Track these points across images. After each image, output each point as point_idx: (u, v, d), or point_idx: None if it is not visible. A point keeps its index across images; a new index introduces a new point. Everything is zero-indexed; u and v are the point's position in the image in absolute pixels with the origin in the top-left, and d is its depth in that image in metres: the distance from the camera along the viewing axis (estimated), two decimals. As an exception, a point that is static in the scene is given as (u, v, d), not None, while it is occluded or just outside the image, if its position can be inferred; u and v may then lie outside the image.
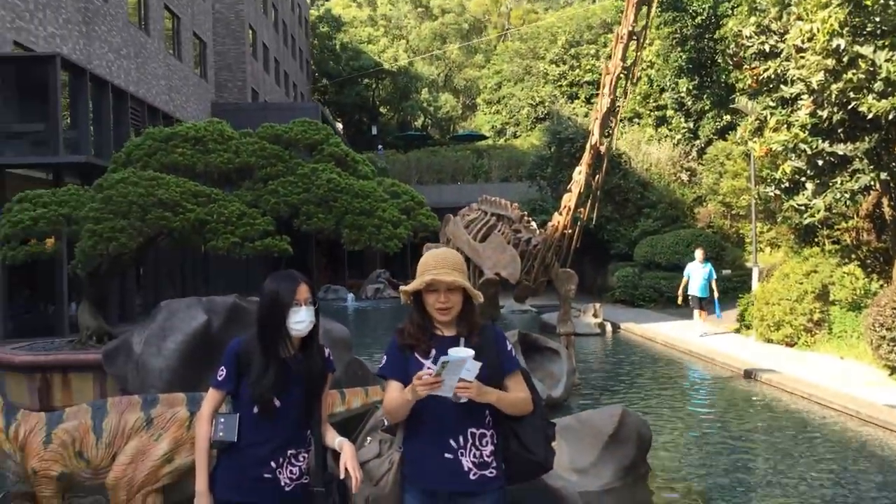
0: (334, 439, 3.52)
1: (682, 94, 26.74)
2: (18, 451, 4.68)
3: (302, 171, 8.28)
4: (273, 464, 3.38)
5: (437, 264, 3.36)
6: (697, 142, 27.04)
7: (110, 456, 4.69)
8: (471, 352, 3.18)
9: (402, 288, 3.60)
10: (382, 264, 34.89)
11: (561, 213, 9.54)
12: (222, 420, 3.41)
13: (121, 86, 21.01)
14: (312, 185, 8.02)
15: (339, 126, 45.83)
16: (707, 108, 26.20)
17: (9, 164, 17.58)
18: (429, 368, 3.16)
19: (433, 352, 3.38)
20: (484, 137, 44.38)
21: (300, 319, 3.39)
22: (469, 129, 50.22)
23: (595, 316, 16.72)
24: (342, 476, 3.39)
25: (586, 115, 33.71)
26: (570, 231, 9.57)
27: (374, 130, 49.28)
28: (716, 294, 14.80)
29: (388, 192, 8.59)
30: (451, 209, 11.76)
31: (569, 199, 9.47)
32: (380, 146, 42.19)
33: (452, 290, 3.33)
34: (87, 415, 4.78)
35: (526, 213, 10.51)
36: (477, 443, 3.32)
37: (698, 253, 15.15)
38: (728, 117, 24.79)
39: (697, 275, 14.81)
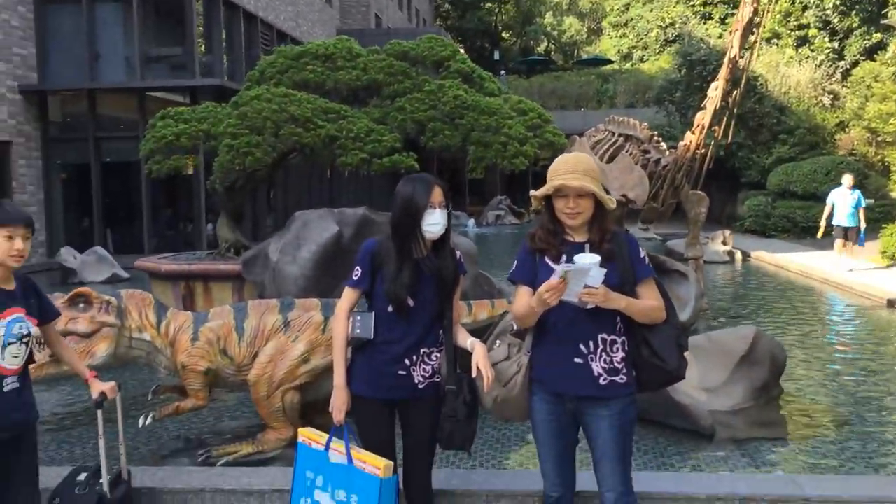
0: (466, 340, 3.57)
1: (828, 11, 24.98)
2: (169, 346, 4.99)
3: (429, 87, 8.25)
4: (407, 361, 3.47)
5: (566, 169, 3.31)
6: (842, 63, 25.32)
7: (251, 354, 4.94)
8: (596, 258, 3.13)
9: (532, 193, 3.56)
10: (503, 190, 34.86)
11: (693, 132, 9.17)
12: (359, 318, 3.51)
13: (251, 11, 21.48)
14: (439, 102, 7.99)
15: (462, 52, 45.34)
16: (855, 25, 24.41)
17: (149, 87, 18.43)
18: (557, 277, 3.13)
19: (563, 257, 3.36)
20: (609, 62, 42.99)
21: (434, 221, 3.41)
22: (594, 54, 48.76)
23: (724, 243, 16.18)
24: (473, 375, 3.45)
25: (720, 37, 32.07)
26: (702, 151, 9.21)
27: (497, 56, 48.52)
28: (862, 224, 13.83)
29: (514, 110, 8.46)
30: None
31: (702, 117, 9.09)
32: (502, 72, 41.58)
33: (582, 195, 3.27)
34: (230, 315, 5.03)
35: (656, 132, 10.18)
36: (608, 349, 3.30)
37: (846, 179, 14.09)
38: (878, 35, 23.04)
39: (844, 203, 13.77)
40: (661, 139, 10.03)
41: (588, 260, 3.11)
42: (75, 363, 3.61)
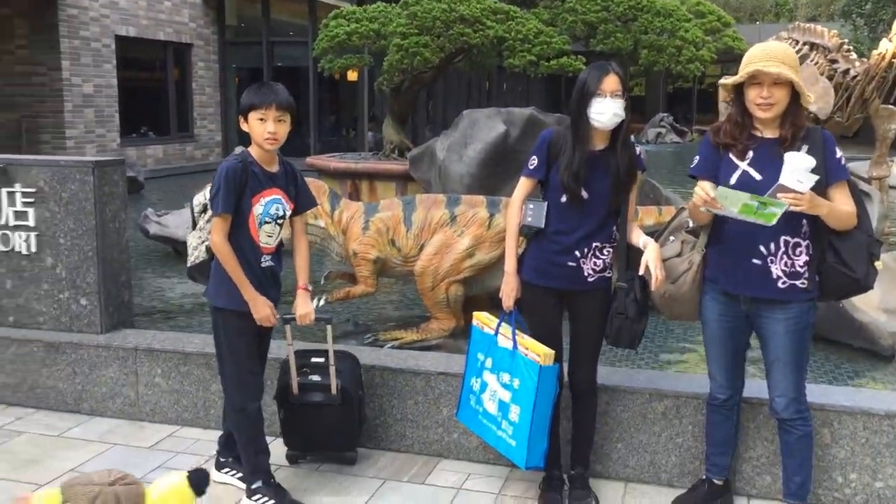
0: (639, 238, 3.52)
1: None
2: (341, 233, 5.20)
3: (601, -12, 7.98)
4: (577, 253, 3.46)
5: (763, 56, 3.12)
6: None
7: (418, 246, 5.07)
8: (812, 161, 2.96)
9: (722, 81, 3.40)
10: (665, 108, 33.53)
11: (891, 40, 8.41)
12: (531, 207, 3.52)
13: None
14: (611, 3, 7.70)
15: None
16: None
17: (318, -9, 18.79)
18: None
19: (750, 153, 3.21)
20: (792, -29, 39.87)
21: (601, 111, 3.32)
22: (775, -38, 45.27)
23: (911, 168, 14.94)
24: (641, 272, 3.40)
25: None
26: (900, 60, 8.44)
27: (667, -36, 46.01)
28: None
29: (691, 12, 8.05)
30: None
31: (903, 23, 8.31)
32: (672, -19, 39.47)
33: (778, 84, 3.09)
34: (399, 208, 5.16)
35: (846, 41, 9.39)
36: (790, 252, 3.16)
37: None
38: None
39: None
40: (851, 48, 9.26)
41: (802, 164, 2.94)
42: (302, 266, 3.66)
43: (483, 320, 3.67)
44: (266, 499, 3.52)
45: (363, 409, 4.05)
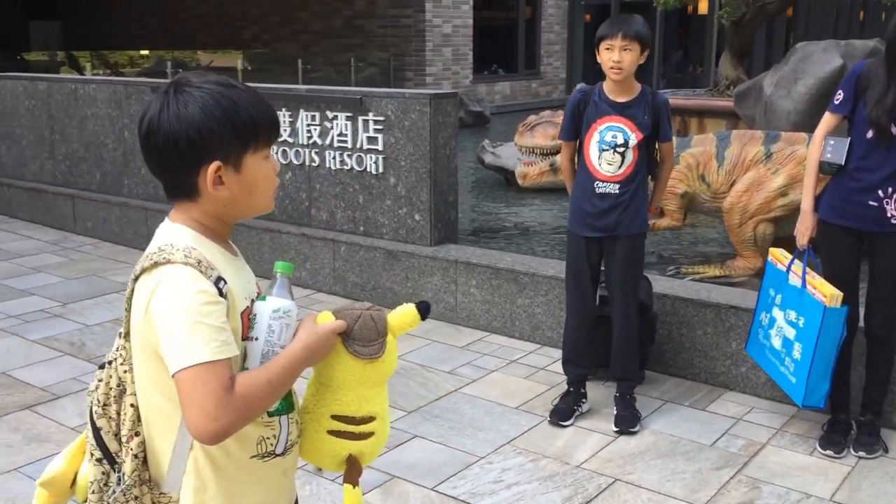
0: (955, 181, 3.25)
1: None
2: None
3: None
4: (880, 192, 3.31)
5: None
6: None
7: (728, 183, 5.04)
8: None
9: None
10: None
11: None
12: (832, 142, 3.42)
13: None
14: None
15: None
16: None
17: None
18: None
19: None
20: None
21: None
22: None
23: None
24: None
25: None
26: None
27: None
28: None
29: None
30: None
31: None
32: None
33: None
34: (712, 143, 5.15)
35: None
36: None
37: None
38: None
39: None
40: None
41: None
42: (655, 189, 3.94)
43: (777, 256, 3.66)
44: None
45: (654, 329, 4.23)
